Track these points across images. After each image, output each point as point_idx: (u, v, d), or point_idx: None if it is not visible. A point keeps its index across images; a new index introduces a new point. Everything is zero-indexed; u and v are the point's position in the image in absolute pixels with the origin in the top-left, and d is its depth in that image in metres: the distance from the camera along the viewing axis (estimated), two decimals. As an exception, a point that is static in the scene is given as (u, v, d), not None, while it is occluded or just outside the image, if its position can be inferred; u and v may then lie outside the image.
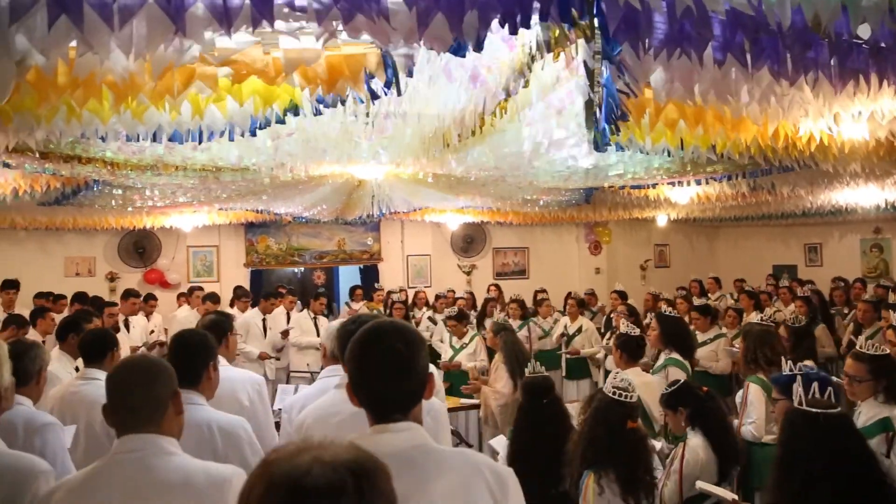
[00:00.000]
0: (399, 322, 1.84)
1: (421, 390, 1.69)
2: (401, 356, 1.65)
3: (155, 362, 2.04)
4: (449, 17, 2.26)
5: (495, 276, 12.84)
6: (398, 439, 1.63)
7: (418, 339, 1.73)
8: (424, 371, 1.71)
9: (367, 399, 1.68)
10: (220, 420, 2.60)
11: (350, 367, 1.71)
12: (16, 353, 2.82)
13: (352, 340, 1.72)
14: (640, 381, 4.28)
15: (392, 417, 1.65)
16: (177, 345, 2.80)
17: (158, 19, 2.11)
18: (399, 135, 3.86)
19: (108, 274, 11.13)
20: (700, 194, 7.53)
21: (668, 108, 3.43)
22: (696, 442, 3.36)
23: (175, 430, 1.96)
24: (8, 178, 5.73)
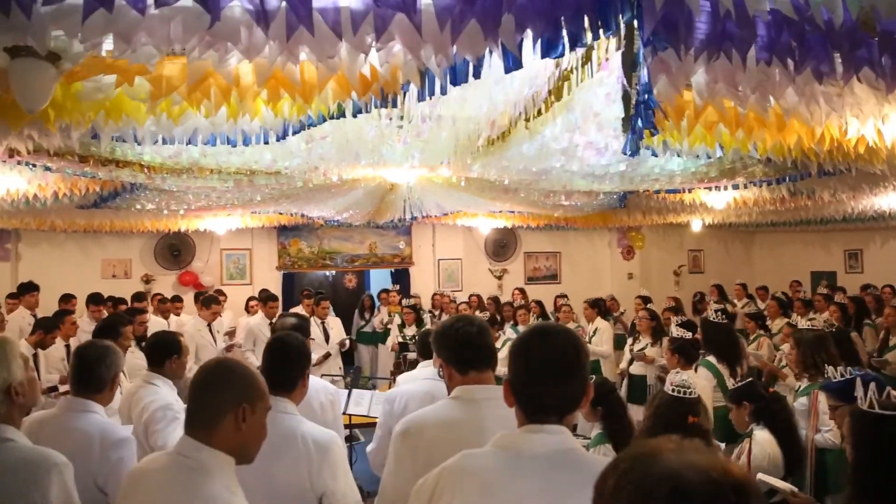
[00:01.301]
0: (564, 326, 1.84)
1: (581, 397, 1.67)
2: (569, 358, 1.65)
3: (226, 369, 1.94)
4: (483, 24, 2.24)
5: (526, 281, 12.75)
6: (552, 441, 1.62)
7: (584, 344, 1.72)
8: (587, 378, 1.70)
9: (527, 399, 1.67)
10: (315, 433, 2.51)
11: (514, 366, 1.69)
12: (89, 358, 2.83)
13: (518, 337, 1.73)
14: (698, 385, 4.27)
15: (548, 420, 1.64)
16: (277, 349, 2.70)
17: (195, 18, 2.12)
18: (433, 138, 3.84)
19: (144, 276, 11.31)
20: (737, 199, 7.37)
21: (708, 111, 3.35)
22: (763, 436, 3.40)
23: (230, 446, 1.85)
24: (49, 181, 5.84)
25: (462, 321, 2.46)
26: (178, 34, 2.22)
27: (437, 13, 2.20)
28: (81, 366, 2.85)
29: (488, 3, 2.20)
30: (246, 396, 1.88)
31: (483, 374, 2.40)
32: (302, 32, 2.16)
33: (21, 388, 2.17)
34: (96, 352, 2.88)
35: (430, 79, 2.81)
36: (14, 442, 2.10)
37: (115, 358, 2.90)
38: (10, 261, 10.65)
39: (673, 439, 0.95)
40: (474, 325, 2.44)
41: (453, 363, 2.41)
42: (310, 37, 2.19)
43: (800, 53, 2.33)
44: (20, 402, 2.16)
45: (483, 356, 2.41)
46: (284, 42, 2.18)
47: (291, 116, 3.38)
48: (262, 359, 2.72)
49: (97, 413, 2.79)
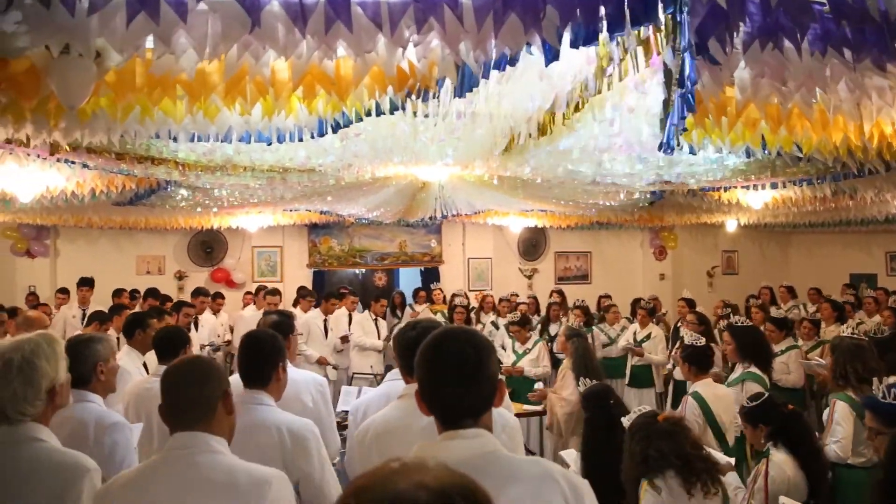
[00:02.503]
0: (467, 327, 1.85)
1: (491, 396, 1.66)
2: (470, 361, 1.63)
3: (206, 363, 2.06)
4: (524, 17, 2.19)
5: (557, 281, 12.64)
6: (469, 446, 1.59)
7: (487, 344, 1.71)
8: (494, 376, 1.68)
9: (436, 405, 1.66)
10: (290, 422, 2.59)
11: (419, 373, 1.69)
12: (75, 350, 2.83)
13: (421, 346, 1.71)
14: (712, 393, 4.10)
15: (462, 423, 1.62)
16: (247, 345, 2.79)
17: (234, 16, 2.11)
18: (468, 135, 3.79)
19: (177, 272, 11.46)
20: (776, 198, 7.20)
21: (750, 108, 3.26)
22: (781, 458, 3.19)
23: (225, 430, 1.98)
24: (87, 178, 5.93)
25: (415, 328, 2.52)
26: (218, 34, 2.21)
27: (477, 6, 2.16)
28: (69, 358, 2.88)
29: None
30: (226, 383, 2.02)
31: None
32: (339, 27, 2.14)
33: (61, 389, 2.18)
34: (76, 347, 2.90)
35: (466, 74, 2.77)
36: (46, 443, 2.10)
37: (94, 349, 2.94)
38: (48, 256, 10.86)
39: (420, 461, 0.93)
40: (416, 329, 2.49)
41: (403, 367, 2.57)
42: (347, 31, 2.17)
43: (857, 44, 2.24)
44: (57, 403, 2.17)
45: None
46: (322, 37, 2.16)
47: (326, 113, 3.37)
48: (238, 354, 2.82)
49: (94, 402, 2.86)
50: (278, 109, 3.19)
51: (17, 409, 2.07)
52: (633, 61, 2.74)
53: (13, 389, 2.06)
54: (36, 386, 2.09)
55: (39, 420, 2.12)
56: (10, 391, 2.07)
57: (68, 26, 2.03)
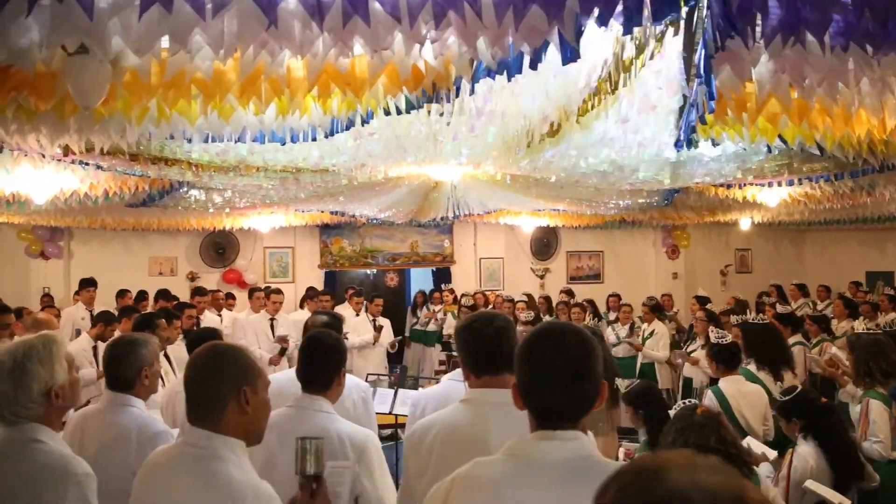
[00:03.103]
0: (574, 324, 1.75)
1: (594, 398, 1.58)
2: (577, 359, 1.56)
3: (221, 354, 1.94)
4: (544, 12, 2.16)
5: (569, 281, 12.59)
6: (566, 448, 1.53)
7: (594, 342, 1.63)
8: (599, 377, 1.60)
9: (535, 403, 1.59)
10: (351, 432, 2.49)
11: (521, 368, 1.62)
12: (116, 356, 2.84)
13: (524, 339, 1.64)
14: (736, 390, 4.09)
15: (560, 425, 1.55)
16: (310, 348, 2.67)
17: (250, 14, 2.09)
18: (482, 133, 3.77)
19: (189, 273, 11.49)
20: (792, 195, 7.13)
21: (771, 102, 3.21)
22: (807, 450, 3.23)
23: (239, 429, 1.86)
24: (100, 180, 5.94)
25: (480, 320, 2.33)
26: (233, 33, 2.20)
27: (495, 1, 2.14)
28: (108, 363, 2.87)
29: (548, -10, 2.13)
30: (245, 378, 1.88)
31: (497, 377, 2.25)
32: (357, 22, 2.12)
33: (62, 391, 2.13)
34: (120, 349, 2.87)
35: (479, 68, 2.74)
36: (44, 444, 2.08)
37: (140, 352, 2.86)
38: (62, 258, 10.93)
39: (685, 454, 0.86)
40: (493, 325, 2.30)
41: (468, 365, 2.32)
42: (365, 27, 2.14)
43: (879, 39, 2.20)
44: (59, 404, 2.14)
45: (499, 359, 2.26)
46: (339, 33, 2.14)
47: (340, 113, 3.35)
48: (298, 357, 2.69)
49: (136, 407, 2.81)
50: (293, 109, 3.17)
51: (11, 411, 2.07)
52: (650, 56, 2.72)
53: (4, 392, 2.06)
54: (27, 389, 2.07)
55: (41, 421, 2.10)
56: (2, 393, 2.06)
57: (85, 26, 2.02)
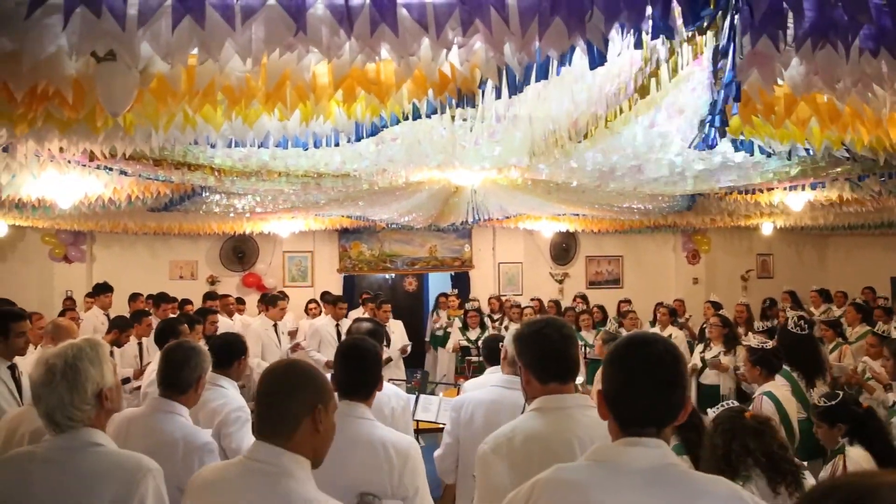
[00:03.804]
0: (660, 334, 1.76)
1: (680, 407, 1.59)
2: (668, 366, 1.58)
3: (301, 372, 1.90)
4: (570, 18, 2.15)
5: (588, 286, 12.53)
6: (652, 455, 1.54)
7: (682, 353, 1.65)
8: (687, 388, 1.61)
9: (622, 406, 1.59)
10: (395, 440, 2.46)
11: (609, 374, 1.62)
12: (176, 359, 2.85)
13: (614, 344, 1.66)
14: (783, 395, 4.07)
15: (645, 431, 1.56)
16: (348, 355, 2.64)
17: (279, 20, 2.09)
18: (507, 138, 3.75)
19: (209, 277, 11.57)
20: (817, 199, 7.03)
21: (800, 106, 3.17)
22: (859, 454, 3.20)
23: (308, 449, 1.83)
24: (124, 184, 6.00)
25: (550, 326, 2.32)
26: (261, 39, 2.20)
27: (523, 7, 2.13)
28: (168, 367, 2.86)
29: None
30: (320, 398, 1.85)
31: (565, 385, 2.29)
32: (384, 29, 2.12)
33: (111, 394, 2.14)
34: (183, 354, 2.89)
35: (509, 77, 2.73)
36: (104, 447, 2.08)
37: (200, 360, 2.91)
38: (84, 262, 11.06)
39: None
40: (562, 333, 2.31)
41: (534, 371, 2.30)
42: (392, 34, 2.14)
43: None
44: (108, 407, 2.14)
45: (568, 368, 2.31)
46: (367, 39, 2.14)
47: (364, 118, 3.35)
48: (336, 364, 2.67)
49: (181, 416, 2.80)
50: (317, 114, 3.18)
51: (65, 415, 2.05)
52: (680, 60, 2.69)
53: (59, 395, 2.04)
54: (81, 390, 2.06)
55: (93, 425, 2.09)
56: (56, 397, 2.04)
57: (115, 33, 2.03)
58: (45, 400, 2.06)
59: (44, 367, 2.09)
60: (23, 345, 4.02)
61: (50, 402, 2.05)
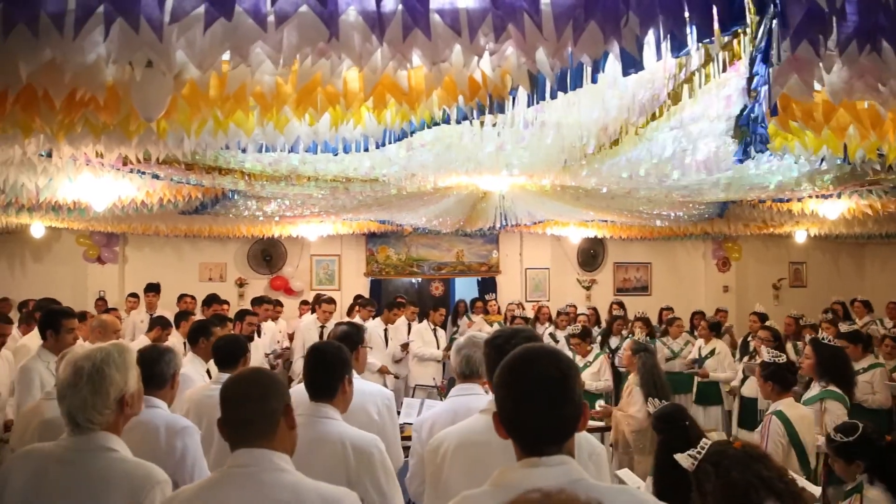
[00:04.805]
0: (550, 347, 1.74)
1: (576, 420, 1.58)
2: (555, 383, 1.55)
3: (267, 376, 2.00)
4: (605, 24, 2.12)
5: (616, 292, 12.40)
6: (552, 474, 1.51)
7: (572, 364, 1.64)
8: (580, 399, 1.59)
9: (516, 429, 1.58)
10: (354, 437, 2.55)
11: (499, 394, 1.61)
12: (150, 357, 2.97)
13: (500, 365, 1.63)
14: (796, 414, 3.89)
15: (545, 450, 1.54)
16: (313, 358, 2.78)
17: (311, 26, 2.09)
18: (536, 145, 3.72)
19: (238, 280, 11.69)
20: (852, 208, 6.88)
21: (839, 112, 3.10)
22: (876, 494, 2.96)
23: (288, 446, 1.91)
24: (156, 188, 6.09)
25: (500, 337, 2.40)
26: (293, 45, 2.21)
27: (557, 12, 2.10)
28: (143, 365, 2.90)
29: (610, 1, 2.09)
30: (287, 396, 1.95)
31: None
32: (417, 35, 2.11)
33: (132, 400, 2.18)
34: (157, 352, 3.07)
35: (540, 83, 2.70)
36: (117, 452, 2.11)
37: (172, 357, 3.09)
38: (117, 263, 11.25)
39: None
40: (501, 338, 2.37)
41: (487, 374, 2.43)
42: (424, 39, 2.13)
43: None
44: (127, 412, 2.17)
45: None
46: (399, 45, 2.13)
47: (394, 124, 3.35)
48: (304, 367, 2.81)
49: (160, 408, 2.93)
50: (347, 119, 3.18)
51: (85, 417, 2.09)
52: (715, 67, 2.64)
53: (83, 397, 2.09)
54: (104, 394, 2.10)
55: (110, 429, 2.12)
56: (79, 399, 2.09)
57: (151, 41, 2.05)
58: (69, 400, 2.11)
59: (72, 369, 2.13)
60: (71, 341, 4.34)
61: (73, 403, 2.10)
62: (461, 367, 2.93)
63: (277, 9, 2.04)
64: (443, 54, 2.25)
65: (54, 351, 4.22)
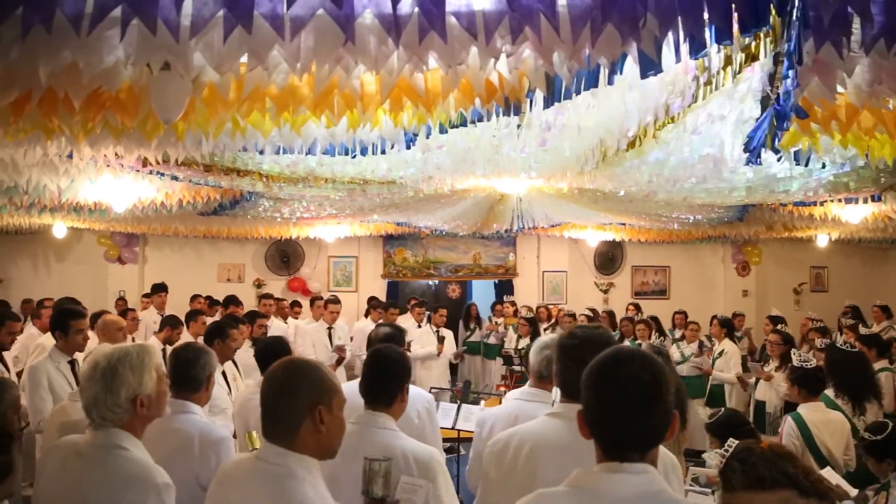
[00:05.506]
0: (641, 350, 1.68)
1: (665, 429, 1.51)
2: (647, 387, 1.49)
3: (297, 370, 1.91)
4: (623, 25, 2.10)
5: (633, 296, 12.30)
6: (634, 482, 1.47)
7: (665, 370, 1.55)
8: (670, 408, 1.53)
9: (601, 432, 1.53)
10: (415, 450, 2.45)
11: (586, 395, 1.56)
12: (186, 359, 2.91)
13: (590, 365, 1.57)
14: (820, 418, 3.87)
15: (628, 456, 1.49)
16: (376, 362, 2.63)
17: (327, 30, 2.09)
18: (555, 147, 3.70)
19: (256, 280, 11.76)
20: (876, 213, 6.77)
21: (863, 115, 3.04)
22: None
23: (313, 448, 1.83)
24: (175, 189, 6.14)
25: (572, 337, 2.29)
26: (310, 48, 2.21)
27: (574, 14, 2.08)
28: (178, 367, 2.91)
29: (628, 1, 2.07)
30: (320, 396, 1.84)
31: None
32: (433, 38, 2.10)
33: (147, 401, 2.17)
34: (192, 353, 2.96)
35: (557, 85, 2.68)
36: (128, 451, 2.11)
37: (208, 359, 2.98)
38: (137, 263, 11.37)
39: None
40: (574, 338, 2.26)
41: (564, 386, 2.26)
42: (440, 42, 2.12)
43: None
44: (143, 413, 2.17)
45: None
46: (415, 48, 2.13)
47: (411, 126, 3.35)
48: (362, 372, 2.68)
49: (195, 413, 2.86)
50: (364, 122, 3.18)
51: (98, 413, 2.12)
52: (735, 68, 2.60)
53: (95, 393, 2.12)
54: (115, 393, 2.11)
55: (125, 427, 2.13)
56: (91, 394, 2.13)
57: (169, 44, 2.06)
58: (85, 394, 2.15)
59: (91, 363, 2.17)
60: (81, 341, 4.27)
61: (88, 397, 2.14)
62: (539, 366, 2.83)
63: (293, 12, 2.05)
64: (459, 57, 2.24)
65: (65, 352, 4.23)
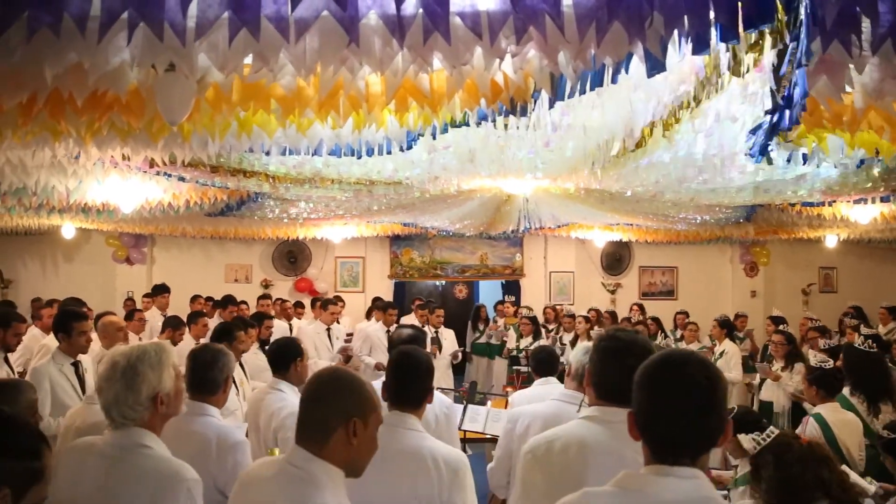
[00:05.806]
0: (698, 353, 1.66)
1: (718, 434, 1.49)
2: (702, 391, 1.46)
3: (338, 380, 1.88)
4: (629, 24, 2.09)
5: (641, 297, 12.26)
6: (683, 486, 1.45)
7: (721, 375, 1.54)
8: (725, 413, 1.52)
9: (652, 434, 1.51)
10: (445, 453, 2.41)
11: (638, 396, 1.53)
12: (204, 361, 2.89)
13: (643, 366, 1.55)
14: (839, 419, 3.86)
15: (678, 460, 1.47)
16: (405, 363, 2.60)
17: (332, 32, 2.09)
18: (561, 147, 3.69)
19: (263, 281, 11.80)
20: (885, 213, 6.73)
21: (872, 114, 3.02)
22: None
23: (341, 459, 1.81)
24: (182, 190, 6.16)
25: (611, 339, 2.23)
26: (315, 50, 2.21)
27: (579, 14, 2.08)
28: (195, 369, 2.90)
29: (634, 0, 2.06)
30: (358, 410, 1.83)
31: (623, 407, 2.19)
32: (437, 38, 2.10)
33: (167, 399, 2.18)
34: (210, 355, 2.93)
35: (562, 85, 2.67)
36: (151, 449, 2.13)
37: (226, 361, 2.94)
38: (145, 263, 11.42)
39: None
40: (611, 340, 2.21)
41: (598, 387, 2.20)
42: (445, 43, 2.12)
43: None
44: (163, 411, 2.18)
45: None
46: (419, 49, 2.12)
47: (416, 126, 3.35)
48: (388, 373, 2.65)
49: (213, 416, 2.85)
50: (369, 123, 3.19)
51: (119, 412, 2.12)
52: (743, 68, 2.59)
53: (115, 392, 2.12)
54: (136, 391, 2.12)
55: (146, 426, 2.14)
56: (113, 394, 2.13)
57: (175, 46, 2.07)
58: (105, 394, 2.15)
59: (109, 363, 2.18)
60: (84, 343, 4.24)
61: (108, 397, 2.14)
62: (581, 370, 2.76)
63: (298, 14, 2.05)
64: (464, 57, 2.23)
65: (69, 353, 4.19)
